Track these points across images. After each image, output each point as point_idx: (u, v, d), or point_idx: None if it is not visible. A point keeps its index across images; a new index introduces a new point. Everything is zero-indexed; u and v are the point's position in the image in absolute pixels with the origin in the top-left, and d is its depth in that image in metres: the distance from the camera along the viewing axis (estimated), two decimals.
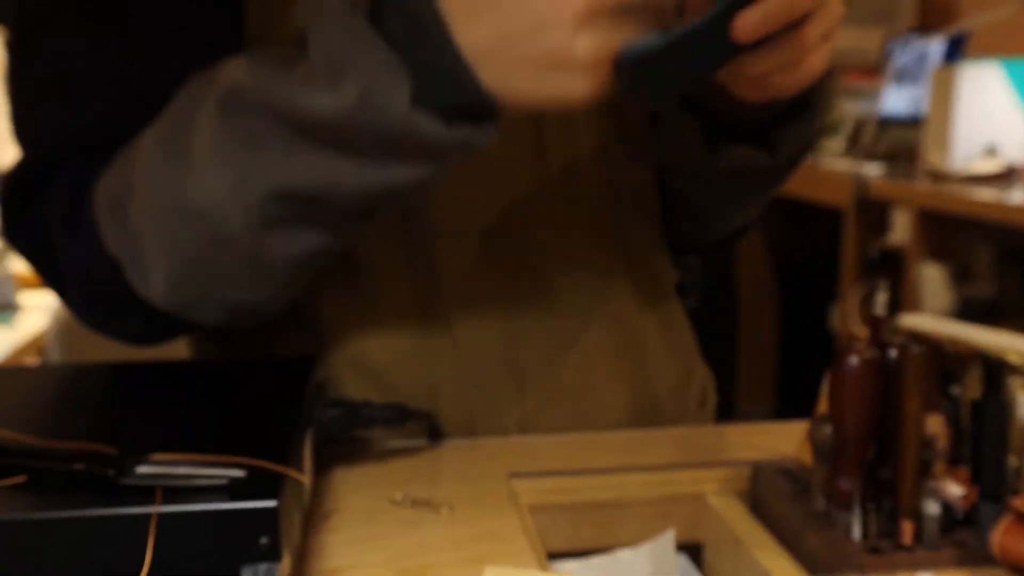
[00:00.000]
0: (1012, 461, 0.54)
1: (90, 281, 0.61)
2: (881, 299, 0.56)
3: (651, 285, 0.74)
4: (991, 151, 2.43)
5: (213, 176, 0.52)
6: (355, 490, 0.59)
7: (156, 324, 0.62)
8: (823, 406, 0.55)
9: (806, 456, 0.58)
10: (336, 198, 0.52)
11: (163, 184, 0.54)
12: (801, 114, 0.62)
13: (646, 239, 0.74)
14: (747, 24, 0.46)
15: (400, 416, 0.60)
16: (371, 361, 0.66)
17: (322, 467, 0.61)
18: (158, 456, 0.45)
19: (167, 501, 0.42)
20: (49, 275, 0.63)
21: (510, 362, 0.67)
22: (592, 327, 0.70)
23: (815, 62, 0.51)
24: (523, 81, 0.47)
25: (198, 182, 0.53)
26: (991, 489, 0.54)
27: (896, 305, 2.46)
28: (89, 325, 0.65)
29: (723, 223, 0.78)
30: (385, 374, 0.66)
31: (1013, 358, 0.60)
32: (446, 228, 0.66)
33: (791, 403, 3.35)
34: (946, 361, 0.59)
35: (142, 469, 0.44)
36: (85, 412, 0.57)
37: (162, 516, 0.41)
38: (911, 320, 0.71)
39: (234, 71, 0.52)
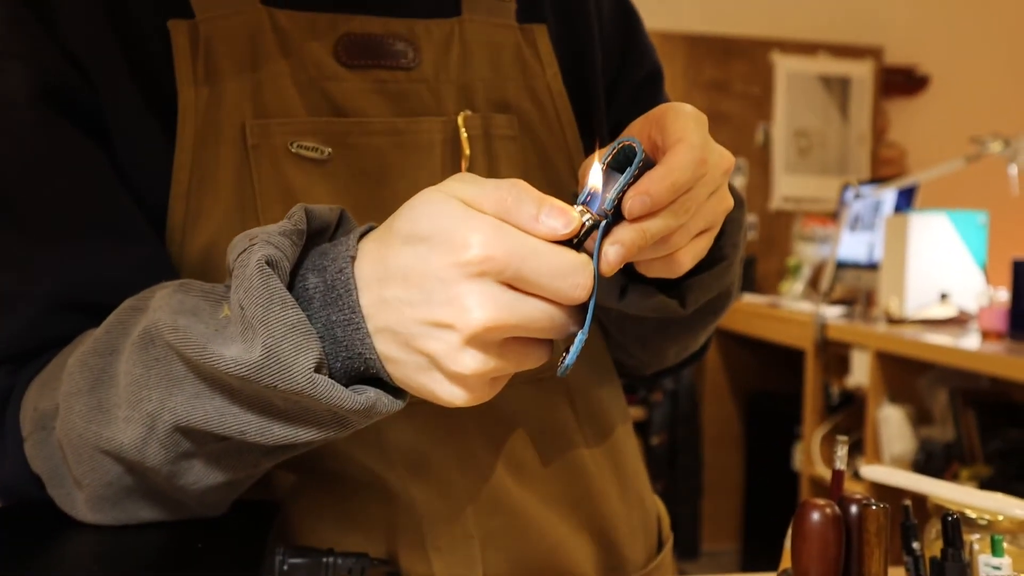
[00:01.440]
0: None
1: (16, 491, 0.60)
2: (841, 453, 0.57)
3: (598, 423, 0.73)
4: (944, 296, 2.51)
5: (129, 416, 0.52)
6: None
7: None
8: (786, 561, 0.55)
9: None
10: (244, 444, 0.53)
11: (84, 414, 0.54)
12: (709, 267, 0.64)
13: (585, 377, 0.73)
14: (610, 267, 0.47)
15: (363, 566, 0.59)
16: (325, 523, 0.65)
17: None
18: None
19: None
20: None
21: (468, 521, 0.66)
22: (545, 475, 0.69)
23: (684, 258, 0.53)
24: (409, 368, 0.47)
25: (117, 418, 0.53)
26: None
27: (858, 445, 2.47)
28: None
29: (655, 358, 0.77)
30: (342, 540, 0.64)
31: (971, 514, 0.61)
32: None
33: (755, 544, 3.31)
34: (907, 516, 0.60)
35: None
36: (42, 560, 0.56)
37: None
38: (871, 472, 0.72)
39: (159, 309, 0.51)
